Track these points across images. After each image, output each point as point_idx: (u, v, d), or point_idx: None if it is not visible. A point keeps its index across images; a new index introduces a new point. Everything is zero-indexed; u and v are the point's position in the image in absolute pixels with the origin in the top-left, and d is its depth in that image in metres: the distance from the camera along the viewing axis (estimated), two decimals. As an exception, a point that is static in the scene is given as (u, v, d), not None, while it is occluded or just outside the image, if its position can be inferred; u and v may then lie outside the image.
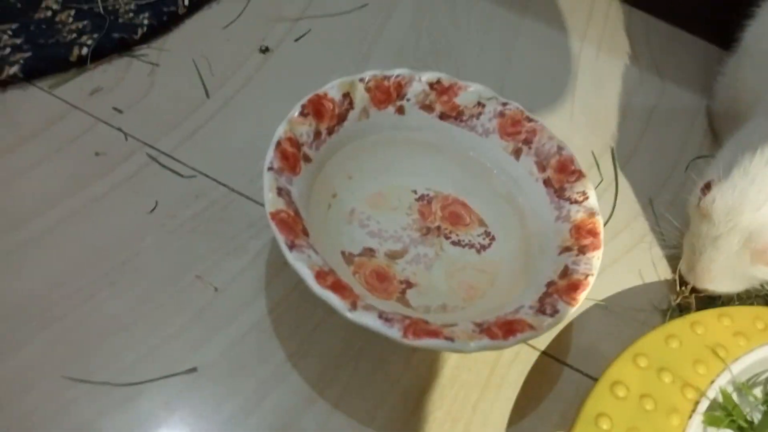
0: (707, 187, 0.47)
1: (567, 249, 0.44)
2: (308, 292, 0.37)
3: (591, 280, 0.41)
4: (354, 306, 0.37)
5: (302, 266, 0.37)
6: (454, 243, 0.48)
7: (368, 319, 0.36)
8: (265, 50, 0.59)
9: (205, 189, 0.49)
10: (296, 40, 0.61)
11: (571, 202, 0.46)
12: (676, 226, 0.54)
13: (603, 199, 0.57)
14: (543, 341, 0.47)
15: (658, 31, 0.76)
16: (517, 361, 0.46)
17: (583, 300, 0.41)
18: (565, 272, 0.42)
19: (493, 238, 0.49)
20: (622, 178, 0.59)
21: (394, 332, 0.36)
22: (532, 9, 0.73)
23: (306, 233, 0.41)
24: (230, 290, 0.45)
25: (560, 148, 0.48)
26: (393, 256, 0.47)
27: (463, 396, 0.44)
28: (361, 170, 0.49)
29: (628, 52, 0.72)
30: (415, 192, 0.50)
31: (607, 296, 0.51)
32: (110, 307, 0.42)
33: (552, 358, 0.47)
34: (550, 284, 0.42)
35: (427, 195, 0.50)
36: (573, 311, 0.40)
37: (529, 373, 0.46)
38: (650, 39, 0.74)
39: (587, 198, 0.46)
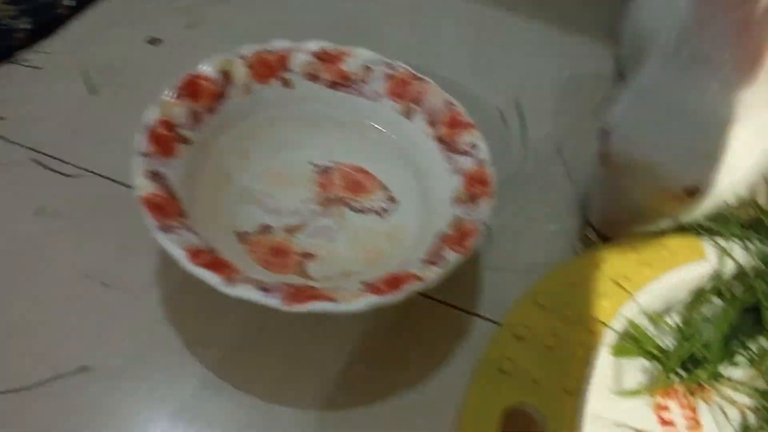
0: (606, 133, 0.47)
1: (459, 200, 0.44)
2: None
3: (481, 227, 0.41)
4: (231, 281, 0.36)
5: (173, 246, 0.36)
6: (356, 211, 0.48)
7: (247, 292, 0.36)
8: (155, 41, 0.58)
9: (92, 186, 0.48)
10: (187, 28, 0.60)
11: (462, 154, 0.46)
12: (586, 173, 0.54)
13: (511, 150, 0.57)
14: (452, 296, 0.47)
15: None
16: (425, 316, 0.46)
17: (474, 247, 0.40)
18: (457, 222, 0.42)
19: (395, 201, 0.48)
20: (531, 131, 0.59)
21: (274, 301, 0.36)
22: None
23: (183, 215, 0.40)
24: (121, 284, 0.44)
25: (449, 103, 0.48)
26: (292, 230, 0.46)
27: (370, 357, 0.43)
28: (256, 148, 0.48)
29: (531, 10, 0.72)
30: (313, 164, 0.49)
31: (519, 244, 0.51)
32: (-3, 313, 0.41)
33: (462, 311, 0.47)
34: (442, 236, 0.41)
35: (327, 166, 0.49)
36: (463, 258, 0.40)
37: (439, 326, 0.45)
38: (554, -6, 0.74)
39: (477, 148, 0.45)
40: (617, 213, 0.47)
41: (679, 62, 0.43)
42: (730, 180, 0.45)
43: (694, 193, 0.44)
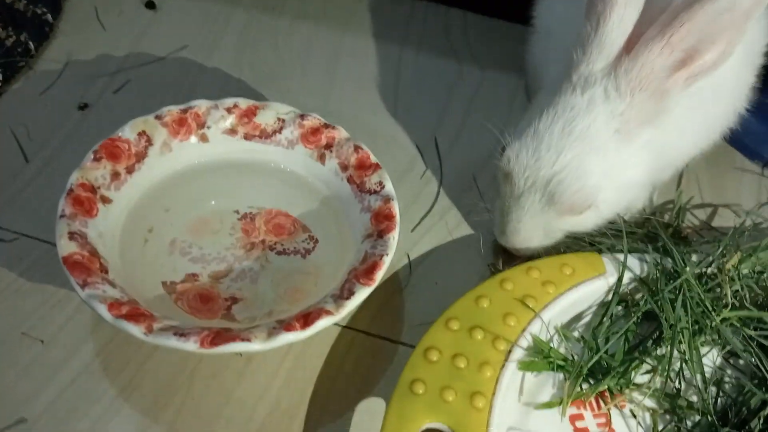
0: (505, 152, 0.51)
1: (369, 236, 0.47)
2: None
3: (386, 259, 0.44)
4: (149, 329, 0.38)
5: (94, 301, 0.39)
6: (279, 253, 0.50)
7: (164, 339, 0.38)
8: (83, 107, 0.61)
9: (28, 249, 0.50)
10: (115, 92, 0.63)
11: (371, 193, 0.49)
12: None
13: (429, 185, 0.61)
14: (377, 327, 0.50)
15: (476, 25, 0.81)
16: (353, 348, 0.48)
17: (380, 279, 0.43)
18: (365, 257, 0.45)
19: (316, 241, 0.51)
20: (447, 163, 0.63)
21: (190, 345, 0.38)
22: (353, 26, 0.76)
23: (105, 271, 0.42)
24: (57, 341, 0.46)
25: (357, 147, 0.51)
26: (217, 276, 0.48)
27: (299, 392, 0.45)
28: (178, 201, 0.51)
29: (447, 49, 0.76)
30: (237, 212, 0.52)
31: (438, 272, 0.54)
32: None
33: (387, 340, 0.49)
34: (352, 271, 0.44)
35: (250, 213, 0.52)
36: (371, 290, 0.43)
37: (366, 357, 0.48)
38: (468, 33, 0.79)
39: (383, 187, 0.49)
40: (516, 227, 0.50)
41: (569, 87, 0.47)
42: (621, 195, 0.49)
43: (588, 207, 0.48)
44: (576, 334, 0.49)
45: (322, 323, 0.40)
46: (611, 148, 0.46)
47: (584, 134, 0.46)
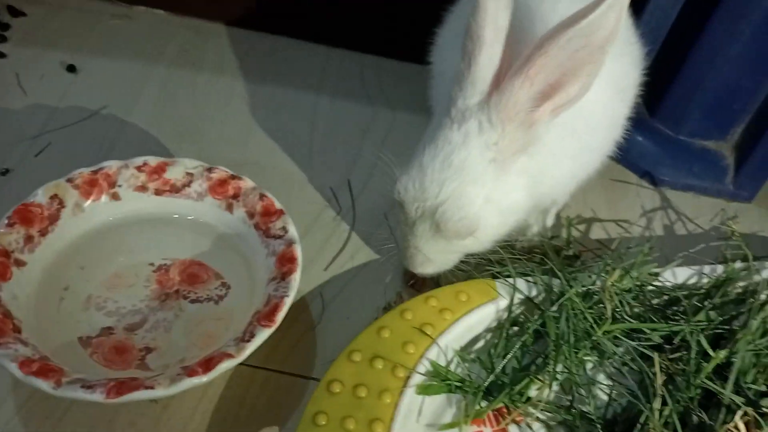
0: (398, 181, 0.54)
1: (273, 279, 0.50)
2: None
3: (287, 300, 0.47)
4: (58, 383, 0.41)
5: (5, 360, 0.41)
6: (192, 301, 0.53)
7: (72, 392, 0.41)
8: (5, 172, 0.63)
9: (-54, 314, 0.52)
10: (36, 155, 0.65)
11: (275, 238, 0.52)
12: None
13: (342, 225, 0.65)
14: (291, 365, 0.53)
15: (389, 69, 0.86)
16: (267, 387, 0.51)
17: (281, 319, 0.47)
18: (268, 299, 0.48)
19: (228, 287, 0.54)
20: (359, 203, 0.67)
21: (97, 396, 0.40)
22: (270, 76, 0.81)
23: (18, 330, 0.44)
24: (-23, 401, 0.47)
25: (262, 196, 0.55)
26: (132, 328, 0.51)
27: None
28: (93, 258, 0.53)
29: (362, 94, 0.81)
30: (152, 264, 0.55)
31: (350, 307, 0.58)
32: None
33: (300, 377, 0.52)
34: (255, 314, 0.48)
35: (164, 264, 0.55)
36: (271, 331, 0.46)
37: (279, 394, 0.51)
38: (382, 77, 0.84)
39: (287, 231, 0.52)
40: (414, 253, 0.53)
41: (448, 122, 0.51)
42: (504, 219, 0.53)
43: (472, 233, 0.51)
44: (473, 356, 0.52)
45: (224, 366, 0.43)
46: (489, 176, 0.50)
47: (462, 166, 0.49)
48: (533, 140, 0.50)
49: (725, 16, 0.68)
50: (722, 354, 0.50)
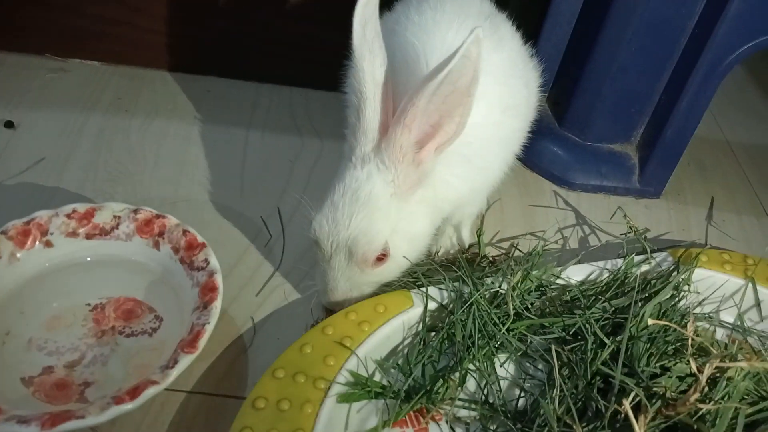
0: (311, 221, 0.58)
1: (196, 308, 0.54)
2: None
3: (208, 327, 0.51)
4: (-7, 421, 0.44)
5: (-58, 404, 0.44)
6: (128, 335, 0.57)
7: (9, 428, 0.44)
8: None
9: None
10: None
11: (198, 270, 0.56)
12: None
13: (272, 252, 0.69)
14: (224, 387, 0.56)
15: (317, 100, 0.91)
16: (201, 410, 0.54)
17: (203, 345, 0.50)
18: (192, 328, 0.52)
19: (161, 320, 0.58)
20: (289, 230, 0.71)
21: (32, 429, 0.44)
22: (201, 115, 0.85)
23: (-44, 377, 0.48)
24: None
25: (185, 231, 0.59)
26: (71, 365, 0.54)
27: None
28: (32, 303, 0.57)
29: (291, 126, 0.86)
30: (89, 304, 0.59)
31: (280, 329, 0.61)
32: None
33: (233, 398, 0.56)
34: (180, 342, 0.51)
35: (100, 303, 0.59)
36: (193, 357, 0.50)
37: (213, 416, 0.54)
38: (310, 108, 0.89)
39: (209, 263, 0.56)
40: (332, 286, 0.58)
41: (351, 165, 0.56)
42: (411, 245, 0.58)
43: (382, 258, 0.56)
44: (392, 363, 0.57)
45: (150, 392, 0.47)
46: (392, 207, 0.55)
47: (368, 199, 0.54)
48: (424, 175, 0.55)
49: (612, 26, 0.74)
50: (616, 341, 0.55)
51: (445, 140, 0.53)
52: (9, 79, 0.86)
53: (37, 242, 0.58)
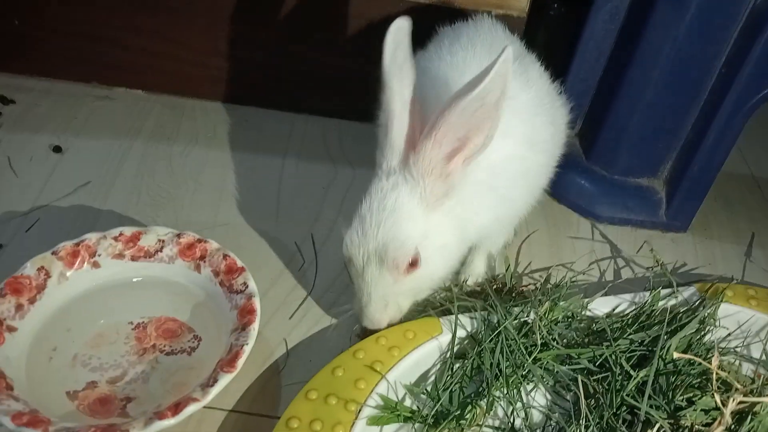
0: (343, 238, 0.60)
1: (235, 329, 0.56)
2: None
3: (246, 348, 0.54)
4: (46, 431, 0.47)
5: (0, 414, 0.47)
6: (168, 354, 0.59)
7: (57, 439, 0.46)
8: (-1, 247, 0.70)
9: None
10: (27, 230, 0.72)
11: (237, 293, 0.59)
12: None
13: (305, 276, 0.71)
14: (258, 406, 0.58)
15: (350, 130, 0.94)
16: (236, 427, 0.56)
17: (241, 365, 0.53)
18: (230, 348, 0.54)
19: (200, 340, 0.60)
20: (321, 255, 0.73)
21: (79, 440, 0.46)
22: (240, 143, 0.88)
23: (11, 388, 0.50)
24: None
25: (225, 256, 0.62)
26: (113, 381, 0.57)
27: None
28: (78, 321, 0.60)
29: (324, 155, 0.89)
30: (131, 323, 0.61)
31: (312, 351, 0.63)
32: None
33: (266, 417, 0.58)
34: (219, 362, 0.54)
35: (142, 322, 0.61)
36: (232, 376, 0.52)
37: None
38: (343, 138, 0.92)
39: (247, 286, 0.59)
40: (368, 303, 0.59)
41: (378, 178, 0.58)
42: (440, 254, 0.59)
43: (414, 265, 0.57)
44: (421, 388, 0.58)
45: (190, 409, 0.49)
46: (419, 215, 0.56)
47: (395, 207, 0.56)
48: (452, 187, 0.56)
49: (640, 64, 0.76)
50: (642, 373, 0.56)
51: (473, 152, 0.55)
52: (57, 106, 0.91)
53: (86, 263, 0.61)
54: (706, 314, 0.63)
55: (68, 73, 0.94)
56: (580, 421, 0.53)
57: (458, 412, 0.56)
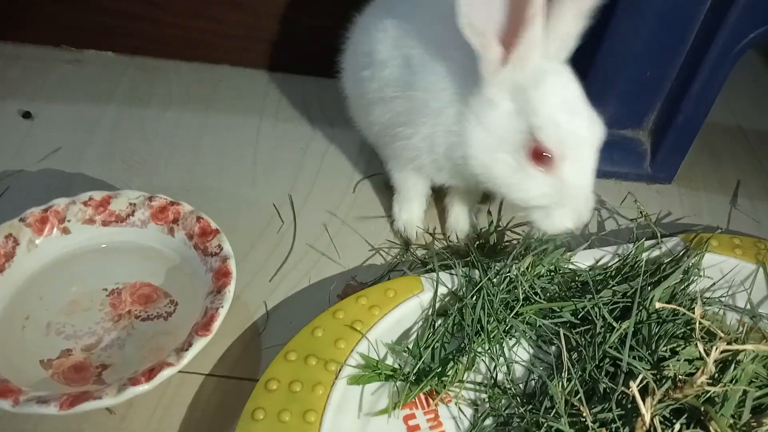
0: None
1: (210, 293, 0.55)
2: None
3: (221, 311, 0.52)
4: (16, 401, 0.46)
5: (-33, 385, 0.46)
6: (143, 319, 0.58)
7: (29, 408, 0.45)
8: (-34, 217, 0.68)
9: None
10: (-4, 198, 0.70)
11: (212, 256, 0.58)
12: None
13: (284, 238, 0.70)
14: (239, 370, 0.57)
15: (328, 88, 0.90)
16: (216, 392, 0.56)
17: (217, 328, 0.52)
18: (206, 311, 0.53)
19: (176, 304, 0.59)
20: (301, 217, 0.72)
21: (51, 409, 0.45)
22: (215, 104, 0.86)
23: (-19, 359, 0.49)
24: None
25: (199, 218, 0.60)
26: (89, 348, 0.56)
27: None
28: (50, 288, 0.58)
29: (302, 114, 0.87)
30: (105, 289, 0.60)
31: (293, 313, 0.62)
32: None
33: (247, 380, 0.57)
34: (195, 325, 0.53)
35: (117, 288, 0.60)
36: (207, 339, 0.51)
37: (228, 398, 0.55)
38: (321, 97, 0.90)
39: (222, 249, 0.58)
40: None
41: None
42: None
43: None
44: (402, 347, 0.57)
45: (165, 374, 0.48)
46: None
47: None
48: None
49: (625, 15, 0.73)
50: (625, 325, 0.55)
51: None
52: (26, 70, 0.88)
53: (55, 229, 0.59)
54: (690, 264, 0.63)
55: (36, 37, 0.90)
56: (563, 374, 0.53)
57: (440, 369, 0.55)
